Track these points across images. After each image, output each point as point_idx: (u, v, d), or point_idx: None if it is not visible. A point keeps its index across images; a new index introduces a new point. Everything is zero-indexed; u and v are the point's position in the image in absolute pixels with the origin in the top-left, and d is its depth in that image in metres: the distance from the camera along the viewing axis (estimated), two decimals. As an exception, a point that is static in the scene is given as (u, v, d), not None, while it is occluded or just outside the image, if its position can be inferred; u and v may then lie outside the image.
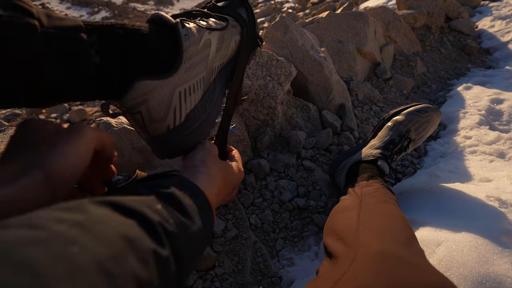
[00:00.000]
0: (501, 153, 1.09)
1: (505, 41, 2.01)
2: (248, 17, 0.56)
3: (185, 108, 0.46)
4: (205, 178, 0.44)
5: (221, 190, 0.48)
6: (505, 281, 0.56)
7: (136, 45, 0.41)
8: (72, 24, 0.36)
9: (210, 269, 0.79)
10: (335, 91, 1.24)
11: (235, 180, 0.52)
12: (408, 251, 0.50)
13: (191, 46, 0.46)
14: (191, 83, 0.46)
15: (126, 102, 0.41)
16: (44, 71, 0.34)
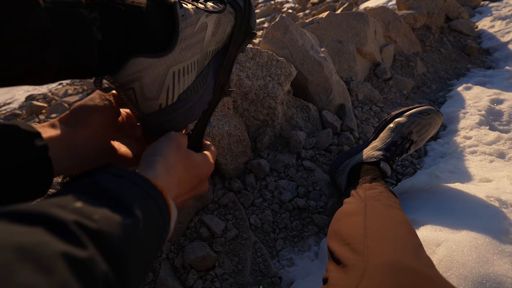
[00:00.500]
0: (501, 153, 1.09)
1: (505, 41, 2.01)
2: (245, 7, 0.56)
3: (178, 88, 0.46)
4: (161, 167, 0.40)
5: (183, 181, 0.43)
6: (505, 281, 0.56)
7: (137, 23, 0.41)
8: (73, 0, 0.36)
9: (210, 269, 0.79)
10: (335, 91, 1.24)
11: (201, 172, 0.47)
12: (419, 263, 0.51)
13: (188, 27, 0.46)
14: (185, 64, 0.47)
15: (120, 78, 0.42)
16: (50, 46, 0.34)
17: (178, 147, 0.44)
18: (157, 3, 0.44)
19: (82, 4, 0.36)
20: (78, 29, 0.36)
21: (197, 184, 0.48)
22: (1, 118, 3.17)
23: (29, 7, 0.32)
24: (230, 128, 0.93)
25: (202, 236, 0.83)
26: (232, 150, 0.95)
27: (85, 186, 0.28)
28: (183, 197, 0.45)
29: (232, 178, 0.97)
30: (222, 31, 0.53)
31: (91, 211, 0.25)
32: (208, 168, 0.49)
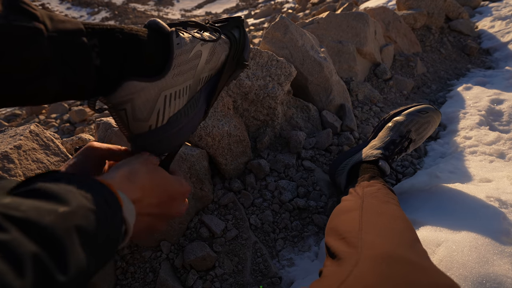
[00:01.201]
0: (501, 153, 1.09)
1: (505, 41, 2.01)
2: (239, 38, 0.59)
3: (168, 111, 0.48)
4: (121, 173, 0.40)
5: (148, 190, 0.42)
6: (505, 282, 0.56)
7: (133, 50, 0.44)
8: (74, 28, 0.38)
9: (210, 269, 0.79)
10: (335, 91, 1.24)
11: (171, 188, 0.47)
12: (414, 253, 0.50)
13: (182, 54, 0.48)
14: (177, 88, 0.49)
15: (114, 99, 0.44)
16: (50, 74, 0.36)
17: (145, 160, 0.45)
18: (155, 31, 0.47)
19: (83, 32, 0.39)
20: (78, 56, 0.38)
21: (167, 200, 0.46)
22: (1, 118, 3.17)
23: (33, 36, 0.34)
24: (230, 128, 0.93)
25: (202, 236, 0.83)
26: (232, 150, 0.95)
27: (20, 189, 0.29)
28: (150, 209, 0.44)
29: (232, 178, 0.97)
30: (216, 59, 0.55)
31: (18, 203, 0.25)
32: (179, 186, 0.48)
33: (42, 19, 0.35)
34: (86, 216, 0.29)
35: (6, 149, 0.63)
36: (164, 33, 0.48)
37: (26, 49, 0.34)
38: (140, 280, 0.77)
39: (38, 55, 0.35)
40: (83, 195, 0.30)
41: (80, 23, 0.40)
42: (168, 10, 27.13)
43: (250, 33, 3.96)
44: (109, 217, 0.32)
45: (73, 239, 0.26)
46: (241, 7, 10.40)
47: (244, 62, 0.60)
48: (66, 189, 0.29)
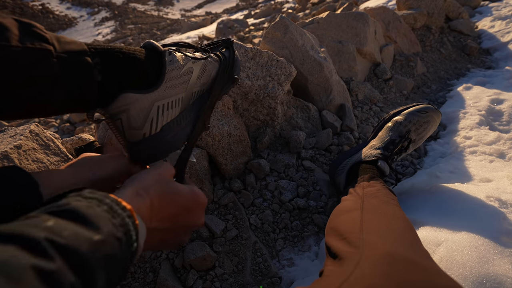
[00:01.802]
0: (501, 153, 1.09)
1: (505, 41, 2.01)
2: (229, 57, 0.66)
3: (161, 120, 0.53)
4: (130, 190, 0.40)
5: (157, 205, 0.43)
6: (505, 281, 0.56)
7: (131, 67, 0.49)
8: (79, 48, 0.44)
9: (210, 269, 0.79)
10: (335, 91, 1.24)
11: (185, 200, 0.47)
12: (415, 253, 0.50)
13: (174, 70, 0.54)
14: (169, 100, 0.54)
15: (110, 110, 0.48)
16: (58, 89, 0.41)
17: (159, 174, 0.46)
18: (151, 51, 0.54)
19: (87, 53, 0.44)
20: (82, 73, 0.43)
21: (180, 212, 0.46)
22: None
23: (45, 56, 0.39)
24: (230, 128, 0.93)
25: (202, 236, 0.83)
26: (232, 150, 0.95)
27: (56, 207, 0.30)
28: (160, 224, 0.44)
29: (232, 178, 0.97)
30: (207, 75, 0.61)
31: (61, 228, 0.27)
32: (194, 197, 0.48)
33: (51, 41, 0.41)
34: (113, 245, 0.30)
35: (6, 149, 0.63)
36: (158, 52, 0.54)
37: (39, 67, 0.39)
38: (140, 280, 0.77)
39: (47, 73, 0.40)
40: (111, 221, 0.32)
41: (84, 44, 0.46)
42: (168, 10, 27.12)
43: (250, 33, 3.96)
44: (129, 243, 0.33)
45: (102, 268, 0.28)
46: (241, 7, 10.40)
47: (235, 76, 0.66)
48: (98, 214, 0.31)
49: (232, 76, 0.66)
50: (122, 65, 0.48)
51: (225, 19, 7.07)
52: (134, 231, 0.34)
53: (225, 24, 5.96)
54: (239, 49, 1.01)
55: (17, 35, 0.38)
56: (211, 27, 9.24)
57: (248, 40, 3.18)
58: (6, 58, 0.37)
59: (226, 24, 5.98)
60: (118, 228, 0.32)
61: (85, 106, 0.46)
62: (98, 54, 0.46)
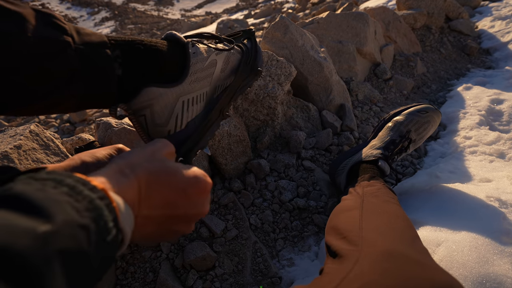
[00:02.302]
0: (501, 153, 1.09)
1: (505, 41, 2.01)
2: (251, 47, 0.63)
3: (186, 116, 0.50)
4: (113, 167, 0.33)
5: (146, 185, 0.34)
6: (505, 281, 0.56)
7: (153, 60, 0.47)
8: (98, 40, 0.41)
9: (210, 269, 0.79)
10: (335, 91, 1.24)
11: (181, 182, 0.37)
12: (414, 250, 0.50)
13: (198, 62, 0.51)
14: (194, 94, 0.51)
15: (133, 105, 0.46)
16: (76, 83, 0.39)
17: (151, 151, 0.38)
18: (173, 42, 0.50)
19: (107, 45, 0.42)
20: (101, 66, 0.41)
21: (181, 200, 0.37)
22: (1, 118, 3.17)
23: (62, 48, 0.37)
24: (230, 128, 0.93)
25: (202, 236, 0.83)
26: (232, 150, 0.95)
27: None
28: (153, 211, 0.36)
29: (232, 178, 0.97)
30: (230, 67, 0.59)
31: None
32: (195, 180, 0.38)
33: (70, 32, 0.39)
34: (74, 236, 0.23)
35: (6, 149, 0.63)
36: (180, 43, 0.51)
37: (56, 59, 0.37)
38: (140, 280, 0.77)
39: (65, 65, 0.38)
40: (72, 205, 0.24)
41: (104, 36, 0.43)
42: (168, 10, 27.12)
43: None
44: (103, 231, 0.26)
45: (54, 270, 0.21)
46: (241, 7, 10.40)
47: (258, 68, 0.63)
48: (51, 197, 0.23)
49: (255, 67, 0.62)
50: (143, 58, 0.46)
51: (225, 19, 7.07)
52: (110, 216, 0.27)
53: (225, 24, 5.97)
54: (239, 49, 1.02)
55: (34, 25, 0.36)
56: (211, 27, 9.24)
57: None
58: (22, 49, 0.35)
59: (226, 24, 5.99)
60: (83, 213, 0.24)
61: (105, 101, 0.44)
62: (118, 46, 0.43)
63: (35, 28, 0.36)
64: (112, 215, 0.27)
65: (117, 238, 0.28)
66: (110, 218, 0.27)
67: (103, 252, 0.26)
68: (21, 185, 0.23)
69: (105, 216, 0.26)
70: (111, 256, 0.28)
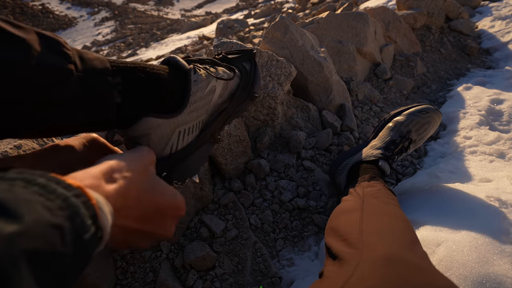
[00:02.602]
0: (501, 153, 1.09)
1: (505, 41, 2.01)
2: (250, 71, 0.61)
3: (181, 144, 0.51)
4: (99, 167, 0.33)
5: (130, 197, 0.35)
6: (505, 281, 0.56)
7: (154, 88, 0.46)
8: (101, 67, 0.41)
9: (210, 269, 0.79)
10: (335, 91, 1.24)
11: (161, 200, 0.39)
12: (413, 255, 0.50)
13: (198, 91, 0.50)
14: (191, 124, 0.51)
15: (131, 133, 0.46)
16: (76, 111, 0.39)
17: (141, 160, 0.38)
18: (175, 69, 0.50)
19: (109, 71, 0.42)
20: (101, 93, 0.41)
21: (152, 215, 0.39)
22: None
23: (66, 77, 0.37)
24: (230, 128, 0.93)
25: (202, 236, 0.83)
26: (232, 150, 0.95)
27: None
28: (126, 221, 0.36)
29: (232, 178, 0.97)
30: (228, 92, 0.57)
31: None
32: (176, 205, 0.41)
33: (73, 59, 0.38)
34: (45, 235, 0.22)
35: (6, 149, 0.63)
36: (183, 70, 0.50)
37: (56, 89, 0.36)
38: (140, 280, 0.77)
39: (65, 95, 0.37)
40: (43, 204, 0.23)
41: (107, 61, 0.42)
42: (168, 10, 27.12)
43: (250, 33, 3.96)
44: (80, 229, 0.25)
45: (21, 271, 0.20)
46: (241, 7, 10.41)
47: (254, 94, 0.61)
48: (20, 197, 0.22)
49: (251, 93, 0.61)
50: (144, 86, 0.45)
51: (225, 19, 7.07)
52: (87, 213, 0.26)
53: (225, 24, 5.97)
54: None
55: (38, 52, 0.35)
56: (211, 27, 9.24)
57: (248, 40, 3.18)
58: (28, 78, 0.34)
59: (226, 24, 5.99)
60: (56, 212, 0.23)
61: (103, 126, 0.44)
62: (120, 73, 0.43)
63: (40, 55, 0.35)
64: (90, 212, 0.26)
65: (96, 236, 0.27)
66: (87, 215, 0.26)
67: (81, 250, 0.25)
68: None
69: (81, 213, 0.25)
70: (90, 253, 0.27)
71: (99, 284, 0.70)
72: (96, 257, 0.68)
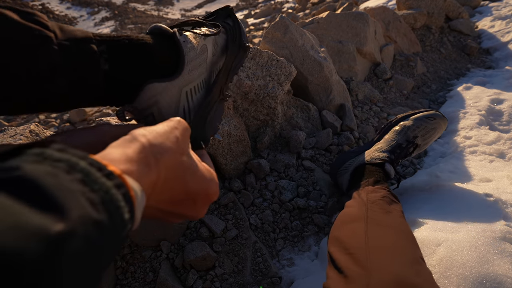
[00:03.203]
0: (501, 153, 1.09)
1: (505, 41, 2.01)
2: (234, 25, 0.62)
3: (192, 105, 0.50)
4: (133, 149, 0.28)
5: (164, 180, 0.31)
6: (505, 281, 0.56)
7: (142, 53, 0.45)
8: (83, 36, 0.40)
9: (210, 269, 0.79)
10: (335, 91, 1.24)
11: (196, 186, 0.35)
12: (421, 278, 0.51)
13: (191, 50, 0.50)
14: (195, 83, 0.51)
15: (139, 105, 0.45)
16: (58, 79, 0.38)
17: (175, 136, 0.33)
18: (159, 35, 0.49)
19: (92, 40, 0.41)
20: (86, 61, 0.39)
21: (187, 203, 0.36)
22: (1, 118, 3.17)
23: (43, 43, 0.36)
24: (230, 128, 0.93)
25: (202, 236, 0.83)
26: (232, 150, 0.95)
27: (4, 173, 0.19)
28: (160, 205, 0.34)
29: (232, 178, 0.97)
30: (220, 48, 0.58)
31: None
32: (209, 189, 0.37)
33: (52, 29, 0.38)
34: (88, 237, 0.19)
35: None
36: (167, 34, 0.49)
37: (36, 54, 0.35)
38: (140, 280, 0.77)
39: (47, 60, 0.36)
40: (87, 196, 0.21)
41: (90, 32, 0.41)
42: (168, 10, 27.12)
43: (250, 33, 3.96)
44: (117, 225, 0.22)
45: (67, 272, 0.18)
46: (241, 6, 10.39)
47: (246, 44, 0.62)
48: (65, 186, 0.20)
49: (243, 44, 0.61)
50: (133, 52, 0.44)
51: (225, 19, 7.05)
52: (126, 207, 0.23)
53: (225, 24, 5.96)
54: (239, 49, 1.01)
55: (14, 22, 0.35)
56: (211, 27, 9.20)
57: (248, 40, 3.18)
58: (6, 45, 0.34)
59: (226, 24, 5.98)
60: (98, 206, 0.21)
61: (94, 97, 0.43)
62: (104, 42, 0.42)
63: (16, 24, 0.35)
64: (129, 206, 0.24)
65: (129, 229, 0.25)
66: (126, 210, 0.23)
67: (113, 246, 0.23)
68: (29, 165, 0.19)
69: (121, 208, 0.23)
70: (119, 246, 0.25)
71: (99, 284, 0.70)
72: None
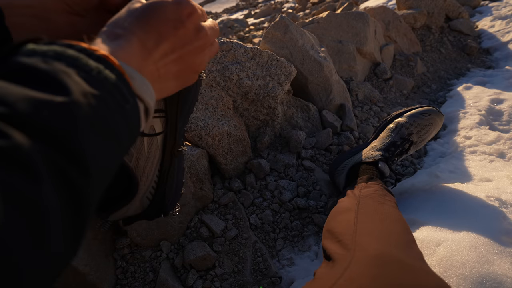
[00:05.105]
0: (501, 153, 1.09)
1: (505, 41, 2.00)
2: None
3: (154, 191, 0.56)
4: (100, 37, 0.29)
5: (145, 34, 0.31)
6: (505, 281, 0.56)
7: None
8: None
9: (210, 269, 0.79)
10: (335, 91, 1.24)
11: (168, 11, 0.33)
12: (407, 254, 0.50)
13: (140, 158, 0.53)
14: (150, 177, 0.55)
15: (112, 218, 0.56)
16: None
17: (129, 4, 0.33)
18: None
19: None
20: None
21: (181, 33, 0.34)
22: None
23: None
24: (230, 128, 0.93)
25: (202, 236, 0.83)
26: (232, 150, 0.95)
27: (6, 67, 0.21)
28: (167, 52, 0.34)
29: (232, 178, 0.97)
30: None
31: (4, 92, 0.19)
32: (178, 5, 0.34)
33: None
34: (94, 107, 0.22)
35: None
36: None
37: None
38: (140, 280, 0.77)
39: None
40: (80, 75, 0.22)
41: None
42: (168, 9, 27.06)
43: (250, 32, 3.95)
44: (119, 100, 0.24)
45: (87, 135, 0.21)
46: (241, 6, 10.41)
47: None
48: (58, 68, 0.22)
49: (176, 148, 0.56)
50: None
51: (225, 19, 7.06)
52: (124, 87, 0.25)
53: (225, 24, 5.96)
54: (239, 48, 1.01)
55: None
56: (211, 26, 9.19)
57: (248, 40, 3.18)
58: None
59: (226, 23, 5.98)
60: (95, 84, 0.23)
61: None
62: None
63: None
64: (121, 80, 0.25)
65: (137, 106, 0.27)
66: (122, 83, 0.25)
67: (121, 121, 0.25)
68: (26, 58, 0.21)
69: (119, 86, 0.25)
70: (137, 126, 0.27)
71: (99, 284, 0.70)
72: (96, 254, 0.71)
